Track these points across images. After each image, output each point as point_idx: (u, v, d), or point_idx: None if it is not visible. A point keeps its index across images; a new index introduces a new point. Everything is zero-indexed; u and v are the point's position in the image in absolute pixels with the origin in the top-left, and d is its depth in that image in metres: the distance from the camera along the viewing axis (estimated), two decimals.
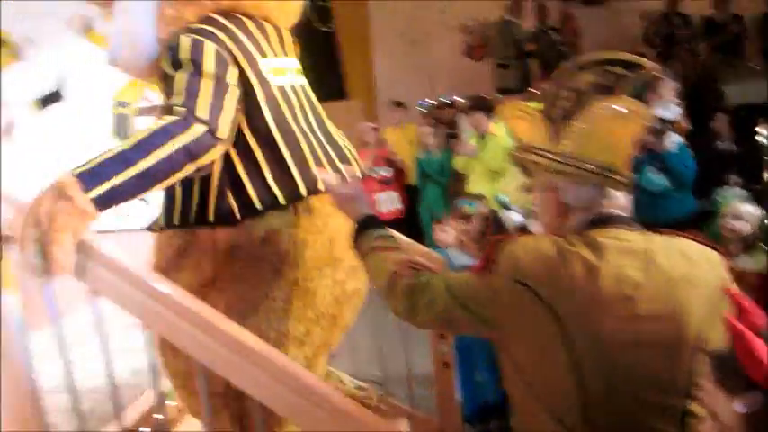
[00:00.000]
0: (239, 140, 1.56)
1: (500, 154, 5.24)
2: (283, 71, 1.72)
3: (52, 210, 1.34)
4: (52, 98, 6.12)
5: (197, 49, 1.52)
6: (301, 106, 1.74)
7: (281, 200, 1.58)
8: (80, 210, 1.36)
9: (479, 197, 3.85)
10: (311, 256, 1.63)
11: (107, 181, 1.37)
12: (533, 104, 1.40)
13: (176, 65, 1.53)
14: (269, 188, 1.57)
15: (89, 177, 1.38)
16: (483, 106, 5.52)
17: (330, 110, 6.75)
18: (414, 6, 7.30)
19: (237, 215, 1.55)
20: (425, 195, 5.88)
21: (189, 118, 1.44)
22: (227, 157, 1.54)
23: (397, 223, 4.57)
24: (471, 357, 3.05)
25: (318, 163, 1.68)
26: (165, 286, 1.44)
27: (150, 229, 1.66)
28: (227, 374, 1.38)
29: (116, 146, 1.43)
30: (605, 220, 1.32)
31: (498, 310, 1.29)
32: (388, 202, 5.80)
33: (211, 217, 1.56)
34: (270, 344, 1.46)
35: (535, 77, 7.30)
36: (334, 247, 1.68)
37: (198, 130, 1.44)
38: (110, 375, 1.56)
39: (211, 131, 1.46)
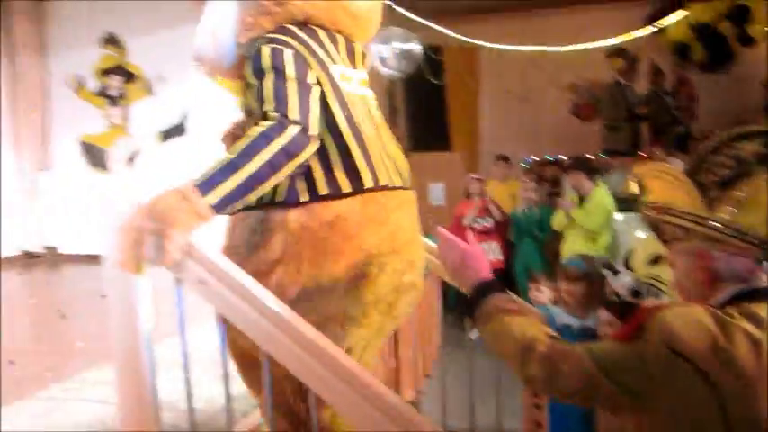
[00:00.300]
0: None
1: (600, 215, 5.14)
2: (350, 79, 1.79)
3: (172, 207, 1.46)
4: (176, 131, 6.59)
5: (277, 56, 1.62)
6: (367, 112, 1.81)
7: (345, 188, 1.65)
8: (197, 211, 1.47)
9: (586, 258, 3.75)
10: (374, 244, 1.68)
11: (219, 187, 1.49)
12: (670, 167, 1.36)
13: (259, 73, 1.63)
14: (335, 177, 1.65)
15: (204, 185, 1.49)
16: (586, 167, 5.42)
17: (433, 160, 6.89)
18: (525, 64, 7.35)
19: (305, 197, 1.63)
20: (521, 251, 5.79)
21: (283, 121, 1.54)
22: None
23: (497, 274, 4.57)
24: (566, 421, 2.93)
25: (384, 163, 1.76)
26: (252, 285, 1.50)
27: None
28: (308, 382, 1.44)
29: (225, 156, 1.53)
30: (761, 294, 1.24)
31: (647, 380, 1.21)
32: (488, 253, 5.77)
33: (282, 198, 1.64)
34: (329, 322, 1.56)
35: (645, 141, 7.11)
36: (395, 239, 1.73)
37: (292, 130, 1.54)
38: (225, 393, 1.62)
39: (304, 130, 1.55)
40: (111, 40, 6.70)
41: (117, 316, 1.61)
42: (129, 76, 6.72)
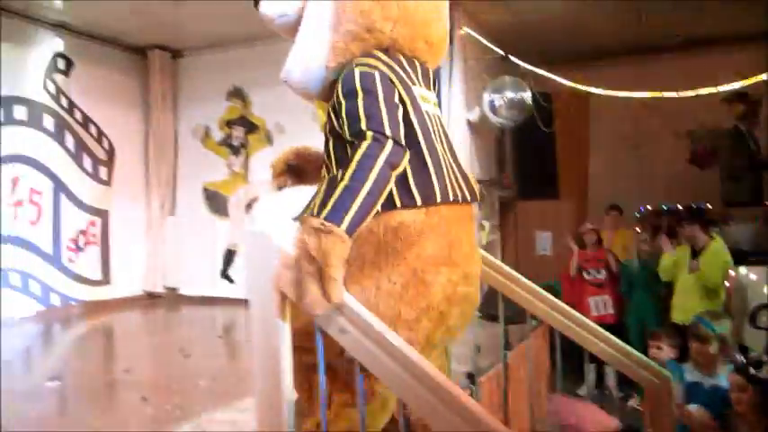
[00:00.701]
0: None
1: (717, 270, 4.88)
2: (427, 100, 1.92)
3: (322, 245, 1.52)
4: None
5: (367, 78, 1.75)
6: (439, 132, 1.92)
7: (418, 201, 1.76)
8: (342, 239, 1.54)
9: (717, 315, 3.59)
10: (432, 253, 1.78)
11: (347, 214, 1.57)
12: None
13: (351, 94, 1.74)
14: (410, 190, 1.75)
15: (334, 214, 1.57)
16: (703, 218, 5.21)
17: (541, 208, 6.81)
18: (638, 110, 7.17)
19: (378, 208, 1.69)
20: (634, 304, 5.59)
21: (379, 137, 1.66)
22: None
23: (609, 328, 4.41)
24: None
25: (451, 179, 1.86)
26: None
27: (296, 219, 1.76)
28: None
29: (337, 183, 1.63)
30: None
31: None
32: (601, 306, 5.59)
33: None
34: (383, 321, 1.62)
35: None
36: (452, 250, 1.82)
37: (390, 144, 1.66)
38: None
39: (398, 143, 1.68)
40: (237, 93, 7.19)
41: (261, 358, 1.70)
42: (251, 127, 7.16)
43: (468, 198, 1.94)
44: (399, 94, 1.78)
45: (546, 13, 6.29)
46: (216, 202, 7.36)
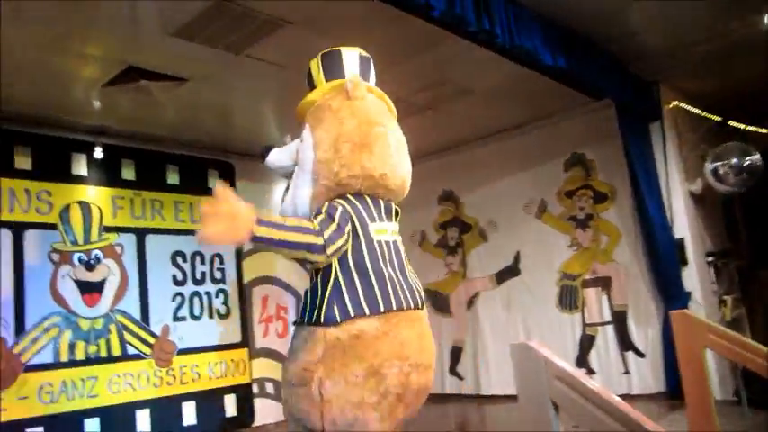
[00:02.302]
0: (346, 270, 2.35)
1: None
2: (384, 231, 2.50)
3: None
4: (509, 272, 6.99)
5: (332, 209, 2.37)
6: (390, 256, 2.47)
7: (367, 311, 2.31)
8: (246, 229, 2.15)
9: None
10: (386, 350, 2.30)
11: (268, 231, 2.18)
12: None
13: (319, 212, 2.37)
14: (360, 303, 2.31)
15: (263, 222, 2.19)
16: None
17: None
18: None
19: (338, 319, 2.29)
20: None
21: (319, 234, 2.25)
22: (335, 281, 2.34)
23: None
24: None
25: (396, 291, 2.39)
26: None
27: (295, 323, 2.47)
28: None
29: (288, 221, 2.27)
30: None
31: None
32: None
33: (322, 320, 2.31)
34: (352, 407, 2.23)
35: None
36: (403, 347, 2.33)
37: (319, 242, 2.25)
38: None
39: (324, 248, 2.25)
40: (448, 197, 7.56)
41: None
42: (464, 227, 7.43)
43: (414, 305, 2.44)
44: (353, 226, 2.39)
45: (759, 71, 5.89)
46: (438, 301, 7.61)
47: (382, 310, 2.34)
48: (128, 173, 6.01)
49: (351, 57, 2.82)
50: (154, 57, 4.57)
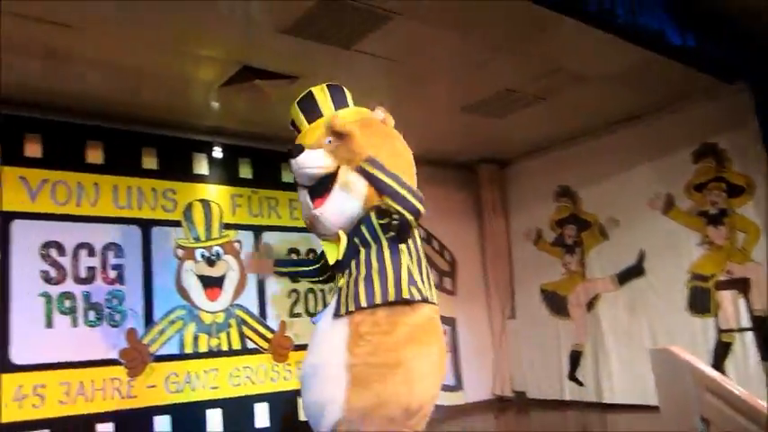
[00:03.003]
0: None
1: None
2: None
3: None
4: (633, 272, 6.56)
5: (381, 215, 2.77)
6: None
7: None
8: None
9: None
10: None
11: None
12: None
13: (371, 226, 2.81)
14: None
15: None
16: None
17: None
18: None
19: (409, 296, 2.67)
20: None
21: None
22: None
23: None
24: None
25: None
26: None
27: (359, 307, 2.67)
28: None
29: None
30: None
31: None
32: None
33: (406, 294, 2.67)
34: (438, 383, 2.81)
35: None
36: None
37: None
38: None
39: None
40: (565, 193, 7.24)
41: None
42: (583, 224, 7.08)
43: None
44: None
45: None
46: (555, 302, 7.30)
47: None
48: (245, 171, 6.22)
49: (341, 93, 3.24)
50: (266, 56, 4.69)
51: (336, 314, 2.72)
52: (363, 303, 2.63)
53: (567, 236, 7.25)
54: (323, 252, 3.04)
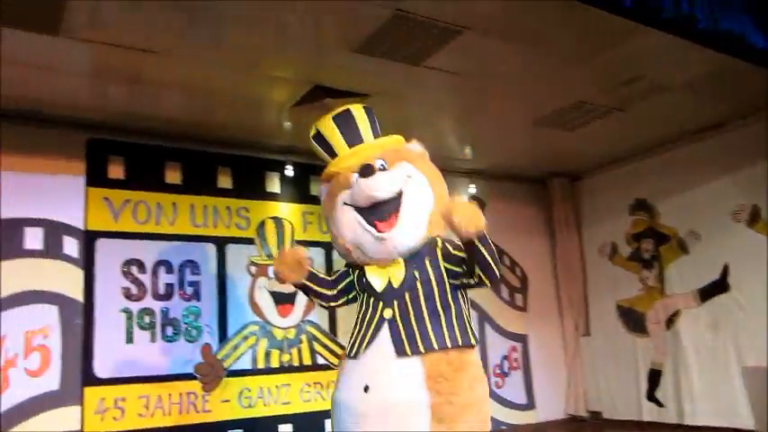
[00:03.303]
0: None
1: None
2: None
3: None
4: (716, 288, 6.25)
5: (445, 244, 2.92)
6: None
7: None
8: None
9: None
10: None
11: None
12: None
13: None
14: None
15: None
16: None
17: None
18: None
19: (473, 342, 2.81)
20: None
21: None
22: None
23: None
24: None
25: None
26: None
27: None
28: None
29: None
30: None
31: None
32: None
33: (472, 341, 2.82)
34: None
35: None
36: None
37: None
38: None
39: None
40: (641, 206, 7.00)
41: None
42: (661, 238, 6.81)
43: None
44: None
45: None
46: (631, 319, 7.04)
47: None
48: (315, 189, 6.30)
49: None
50: (337, 74, 4.74)
51: (401, 353, 2.70)
52: (436, 346, 2.69)
53: (644, 250, 6.99)
54: (342, 274, 3.07)
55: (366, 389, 2.69)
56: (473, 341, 2.79)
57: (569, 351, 7.57)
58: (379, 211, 2.82)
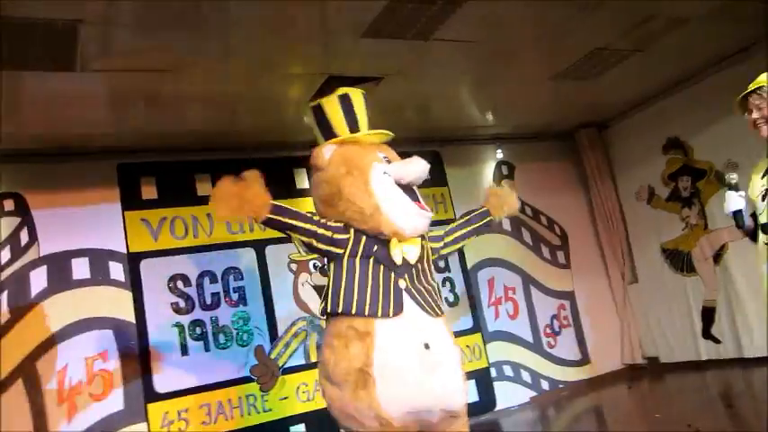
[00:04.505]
0: None
1: None
2: None
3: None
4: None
5: None
6: None
7: None
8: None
9: None
10: None
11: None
12: None
13: None
14: None
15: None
16: None
17: None
18: None
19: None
20: None
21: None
22: None
23: None
24: None
25: None
26: None
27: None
28: None
29: None
30: None
31: None
32: None
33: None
34: None
35: None
36: None
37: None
38: None
39: None
40: (674, 144, 6.84)
41: None
42: (698, 174, 6.67)
43: None
44: None
45: None
46: (678, 259, 6.94)
47: None
48: None
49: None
50: (348, 62, 4.70)
51: (433, 314, 3.03)
52: (442, 312, 3.12)
53: (682, 189, 6.85)
54: (341, 228, 3.03)
55: (427, 346, 2.87)
56: None
57: (619, 301, 7.51)
58: (410, 193, 3.06)
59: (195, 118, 5.11)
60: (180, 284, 5.36)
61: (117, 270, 5.19)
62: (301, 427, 5.51)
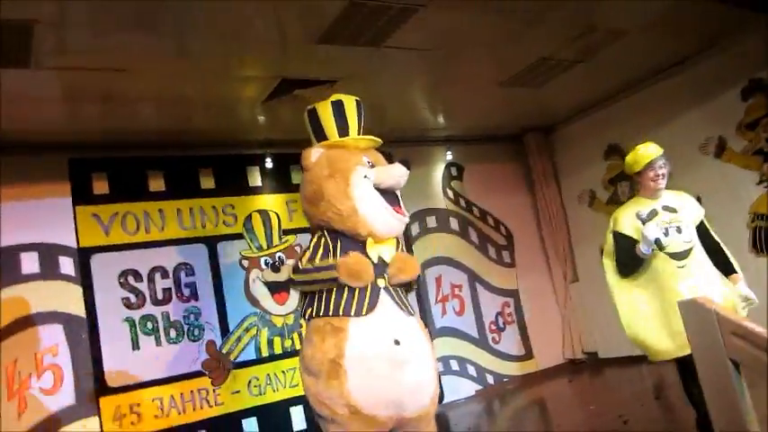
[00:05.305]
0: None
1: None
2: None
3: None
4: None
5: None
6: None
7: None
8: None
9: None
10: None
11: None
12: None
13: None
14: None
15: None
16: None
17: None
18: None
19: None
20: None
21: None
22: None
23: None
24: None
25: None
26: None
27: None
28: None
29: None
30: None
31: None
32: None
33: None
34: None
35: None
36: None
37: None
38: None
39: None
40: (614, 150, 7.16)
41: (716, 406, 1.68)
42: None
43: None
44: None
45: None
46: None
47: None
48: (297, 177, 6.38)
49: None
50: (302, 66, 4.81)
51: (407, 312, 3.24)
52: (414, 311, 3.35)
53: (621, 193, 7.18)
54: (330, 248, 3.20)
55: (397, 342, 3.04)
56: None
57: (561, 299, 7.80)
58: (390, 198, 3.25)
59: (149, 116, 5.15)
60: (131, 279, 5.39)
61: (67, 264, 5.18)
62: (253, 420, 5.60)
